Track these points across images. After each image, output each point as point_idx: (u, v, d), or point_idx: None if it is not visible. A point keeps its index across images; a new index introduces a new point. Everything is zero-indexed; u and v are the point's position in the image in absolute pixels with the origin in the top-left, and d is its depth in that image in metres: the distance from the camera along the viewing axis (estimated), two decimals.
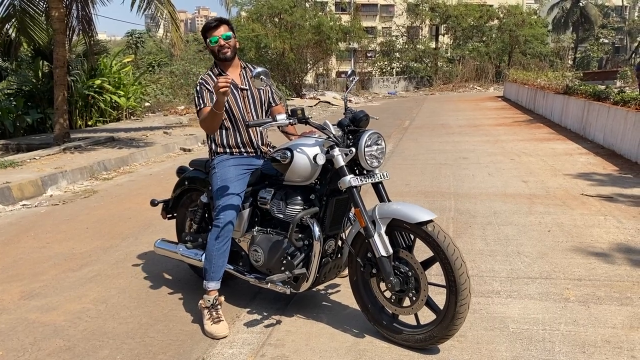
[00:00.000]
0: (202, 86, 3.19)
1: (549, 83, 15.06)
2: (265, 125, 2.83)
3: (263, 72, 2.79)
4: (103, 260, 4.35)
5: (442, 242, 2.54)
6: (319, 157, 2.75)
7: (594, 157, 8.04)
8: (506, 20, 32.35)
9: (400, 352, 2.72)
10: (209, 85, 3.16)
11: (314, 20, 24.05)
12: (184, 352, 2.85)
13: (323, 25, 23.59)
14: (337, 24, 24.87)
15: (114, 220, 5.58)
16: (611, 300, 3.23)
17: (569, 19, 53.61)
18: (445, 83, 32.23)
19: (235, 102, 3.23)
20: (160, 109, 18.39)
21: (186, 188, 3.71)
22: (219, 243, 3.11)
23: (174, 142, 10.94)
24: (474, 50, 32.99)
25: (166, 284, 3.80)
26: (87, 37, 10.88)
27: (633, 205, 5.28)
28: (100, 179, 8.01)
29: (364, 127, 2.87)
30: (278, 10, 23.50)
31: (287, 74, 24.88)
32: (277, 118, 2.82)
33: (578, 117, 10.67)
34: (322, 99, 22.79)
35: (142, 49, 24.32)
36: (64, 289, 3.79)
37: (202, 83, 3.20)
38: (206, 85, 3.18)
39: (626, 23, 60.90)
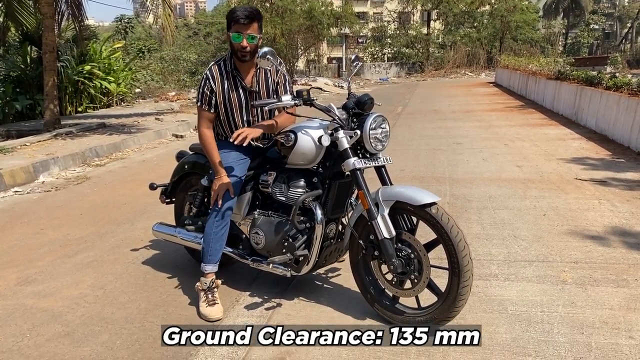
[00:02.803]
0: (206, 82, 3.07)
1: (541, 69, 15.08)
2: (270, 105, 2.82)
3: (269, 51, 2.78)
4: (99, 246, 4.32)
5: (446, 224, 2.54)
6: (324, 138, 2.74)
7: (586, 142, 8.08)
8: (498, 5, 32.26)
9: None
10: (213, 83, 3.06)
11: (305, 5, 23.85)
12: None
13: (314, 10, 23.43)
14: (328, 8, 24.70)
15: (108, 206, 5.53)
16: (608, 282, 3.26)
17: (559, 4, 53.67)
18: (436, 69, 32.18)
19: (239, 105, 3.12)
20: (150, 95, 18.21)
21: (186, 172, 3.68)
22: (218, 226, 3.09)
23: (166, 128, 10.85)
24: (465, 36, 32.94)
25: (164, 269, 3.78)
26: (77, 21, 10.71)
27: (627, 189, 5.32)
28: (93, 165, 7.94)
29: (369, 111, 2.86)
30: None
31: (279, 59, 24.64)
32: (282, 99, 2.80)
33: (570, 102, 10.70)
34: (314, 85, 22.65)
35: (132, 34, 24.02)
36: (60, 274, 3.76)
37: (207, 78, 3.07)
38: (211, 81, 3.06)
39: (616, 9, 61.05)
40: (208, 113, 3.12)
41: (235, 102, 3.10)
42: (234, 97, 3.09)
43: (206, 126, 3.13)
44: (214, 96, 3.08)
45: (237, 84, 3.08)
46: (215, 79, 3.07)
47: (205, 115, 3.12)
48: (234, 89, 3.08)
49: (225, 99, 3.09)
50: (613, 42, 56.42)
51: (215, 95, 3.08)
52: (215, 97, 3.08)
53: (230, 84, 3.07)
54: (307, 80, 24.79)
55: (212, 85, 3.07)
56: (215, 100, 3.09)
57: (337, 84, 23.99)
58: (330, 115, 2.83)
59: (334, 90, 22.53)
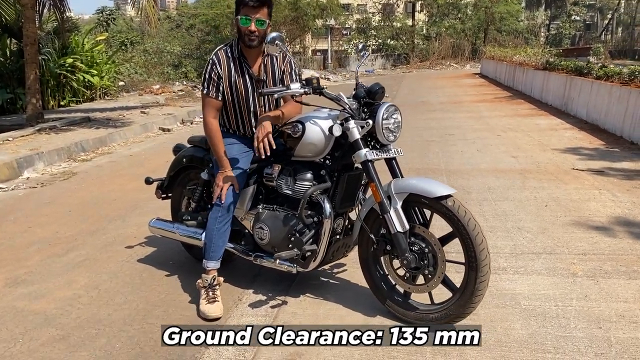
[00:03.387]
0: (213, 67, 2.93)
1: (528, 59, 15.08)
2: (280, 93, 2.71)
3: (278, 37, 2.67)
4: (90, 244, 4.16)
5: (463, 217, 2.45)
6: (336, 128, 2.62)
7: (578, 132, 8.06)
8: None
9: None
10: (219, 68, 2.92)
11: None
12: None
13: (300, 1, 23.20)
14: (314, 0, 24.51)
15: (97, 202, 5.35)
16: (619, 274, 3.19)
17: None
18: (422, 61, 32.11)
19: (246, 94, 2.99)
20: (134, 89, 17.86)
21: (184, 166, 3.55)
22: (221, 222, 2.97)
23: (153, 121, 10.63)
24: (450, 28, 32.89)
25: (160, 267, 3.64)
26: (59, 12, 10.41)
27: (625, 178, 5.28)
28: (79, 160, 7.72)
29: (379, 100, 2.76)
30: None
31: None
32: (290, 87, 2.68)
33: (559, 92, 10.69)
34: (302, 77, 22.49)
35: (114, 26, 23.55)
36: (51, 275, 3.60)
37: (214, 62, 2.93)
38: (217, 66, 2.92)
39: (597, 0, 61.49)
40: (215, 100, 2.97)
41: (242, 90, 2.97)
42: (240, 84, 2.95)
43: (212, 115, 2.99)
44: (221, 82, 2.94)
45: (245, 71, 2.95)
46: (222, 64, 2.93)
47: (211, 103, 2.98)
48: (241, 76, 2.95)
49: (231, 85, 2.95)
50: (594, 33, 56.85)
51: (222, 81, 2.93)
52: (222, 83, 2.94)
53: (237, 71, 2.94)
54: None
55: (219, 70, 2.93)
56: (222, 87, 2.95)
57: (324, 76, 23.83)
58: (340, 104, 2.71)
59: (321, 82, 22.35)
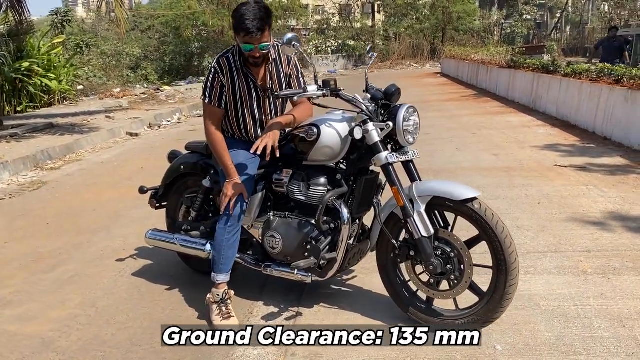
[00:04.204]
0: (215, 75, 2.79)
1: (491, 58, 15.34)
2: (299, 95, 2.62)
3: (294, 37, 2.56)
4: (77, 258, 3.93)
5: (491, 219, 2.40)
6: (357, 130, 2.54)
7: (551, 129, 8.20)
8: None
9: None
10: (222, 76, 2.78)
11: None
12: (203, 357, 2.57)
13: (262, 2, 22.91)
14: (276, 0, 24.27)
15: (75, 213, 5.09)
16: (628, 270, 3.21)
17: None
18: (382, 61, 32.26)
19: (251, 103, 2.86)
20: (93, 93, 17.30)
21: (181, 173, 3.37)
22: (230, 232, 2.83)
23: (120, 126, 10.26)
24: (409, 28, 33.23)
25: (158, 281, 3.46)
26: (18, 14, 9.92)
27: (608, 174, 5.38)
28: (47, 168, 7.36)
29: (395, 102, 2.68)
30: None
31: None
32: (307, 89, 2.58)
33: (527, 90, 10.90)
34: None
35: (70, 28, 22.72)
36: (40, 293, 3.38)
37: (216, 71, 2.79)
38: (220, 75, 2.78)
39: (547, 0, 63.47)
40: (218, 109, 2.83)
41: (247, 98, 2.84)
42: (245, 93, 2.82)
43: (215, 124, 2.85)
44: (224, 90, 2.80)
45: (249, 81, 2.82)
46: (225, 73, 2.79)
47: (214, 113, 2.84)
48: (245, 86, 2.82)
49: (235, 95, 2.82)
50: (545, 32, 58.65)
51: (225, 90, 2.80)
52: (225, 92, 2.80)
53: (240, 79, 2.80)
54: None
55: (222, 79, 2.79)
56: (226, 95, 2.81)
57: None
58: (358, 106, 2.62)
59: None
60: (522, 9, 53.94)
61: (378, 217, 2.67)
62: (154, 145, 8.84)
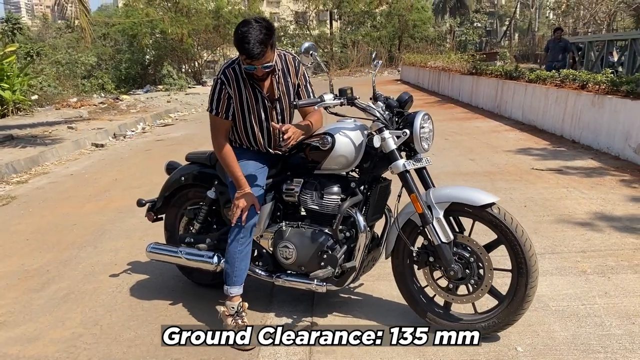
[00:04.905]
0: (222, 87, 2.73)
1: (452, 65, 15.70)
2: (318, 105, 2.60)
3: (312, 46, 2.57)
4: (67, 275, 3.78)
5: (510, 224, 2.45)
6: (376, 139, 2.55)
7: (520, 133, 8.45)
8: (395, 5, 33.37)
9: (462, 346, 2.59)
10: (229, 88, 2.73)
11: (211, 5, 23.12)
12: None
13: (222, 10, 22.79)
14: (235, 8, 24.13)
15: (56, 228, 4.89)
16: (624, 269, 3.33)
17: (447, 4, 56.68)
18: (341, 68, 32.57)
19: (259, 114, 2.81)
20: (48, 103, 16.67)
21: (182, 185, 3.29)
22: (242, 244, 2.78)
23: (84, 137, 9.95)
24: (366, 35, 33.67)
25: (160, 295, 3.36)
26: None
27: (584, 176, 5.58)
28: (13, 182, 7.05)
29: (408, 109, 2.71)
30: None
31: (186, 60, 23.77)
32: (324, 98, 2.57)
33: (491, 96, 11.20)
34: None
35: (21, 36, 21.90)
36: (36, 313, 3.23)
37: (223, 82, 2.73)
38: (226, 86, 2.73)
39: (495, 8, 65.54)
40: (225, 121, 2.79)
41: (254, 111, 2.79)
42: (252, 104, 2.78)
43: (223, 136, 2.80)
44: (232, 102, 2.76)
45: (256, 92, 2.78)
46: (232, 84, 2.74)
47: (221, 125, 2.79)
48: (253, 97, 2.77)
49: (242, 106, 2.78)
50: (495, 39, 60.53)
51: (232, 101, 2.76)
52: (232, 103, 2.76)
53: (247, 90, 2.76)
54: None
55: (229, 90, 2.74)
56: (233, 107, 2.77)
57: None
58: (373, 114, 2.63)
59: None
60: (472, 16, 55.63)
61: (395, 223, 2.68)
62: (123, 156, 8.61)
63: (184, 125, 12.71)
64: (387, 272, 2.98)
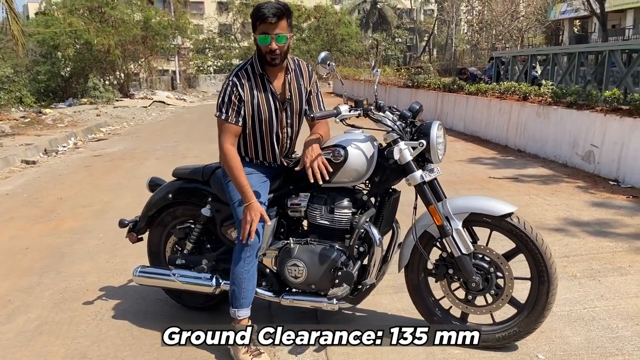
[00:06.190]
0: (233, 89, 2.59)
1: (387, 78, 16.07)
2: (338, 117, 2.52)
3: (328, 56, 2.52)
4: (34, 304, 3.43)
5: (530, 233, 2.47)
6: (395, 150, 2.49)
7: (466, 144, 8.73)
8: (324, 19, 33.88)
9: (480, 355, 2.57)
10: (241, 90, 2.59)
11: (139, 15, 22.35)
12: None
13: (150, 21, 22.09)
14: (164, 19, 23.46)
15: (7, 253, 4.45)
16: (610, 272, 3.47)
17: (369, 19, 58.20)
18: None
19: (269, 114, 2.67)
20: None
21: (169, 203, 3.07)
22: (249, 263, 2.64)
23: (13, 154, 9.24)
24: (295, 49, 33.87)
25: (148, 321, 3.11)
26: None
27: (541, 183, 5.82)
28: None
29: (417, 119, 2.69)
30: (98, 3, 21.27)
31: (112, 72, 22.77)
32: (340, 110, 2.48)
33: (431, 108, 11.51)
34: (156, 99, 21.35)
35: None
36: (9, 349, 2.88)
37: (234, 84, 2.59)
38: (238, 88, 2.59)
39: (415, 24, 68.14)
40: (235, 126, 2.62)
41: (265, 110, 2.64)
42: (263, 103, 2.63)
43: (231, 142, 2.63)
44: (243, 105, 2.61)
45: (267, 89, 2.64)
46: (244, 86, 2.60)
47: (230, 130, 2.62)
48: (264, 95, 2.63)
49: (254, 110, 2.63)
50: (415, 54, 62.87)
51: (244, 105, 2.61)
52: (243, 107, 2.61)
53: (259, 90, 2.62)
54: (145, 94, 23.29)
55: (241, 93, 2.59)
56: (244, 111, 2.62)
57: (179, 97, 22.97)
58: (387, 125, 2.58)
59: (179, 103, 21.54)
60: (394, 32, 57.46)
61: (413, 236, 2.63)
62: (62, 173, 8.07)
63: (118, 139, 12.16)
64: (384, 285, 3.02)
